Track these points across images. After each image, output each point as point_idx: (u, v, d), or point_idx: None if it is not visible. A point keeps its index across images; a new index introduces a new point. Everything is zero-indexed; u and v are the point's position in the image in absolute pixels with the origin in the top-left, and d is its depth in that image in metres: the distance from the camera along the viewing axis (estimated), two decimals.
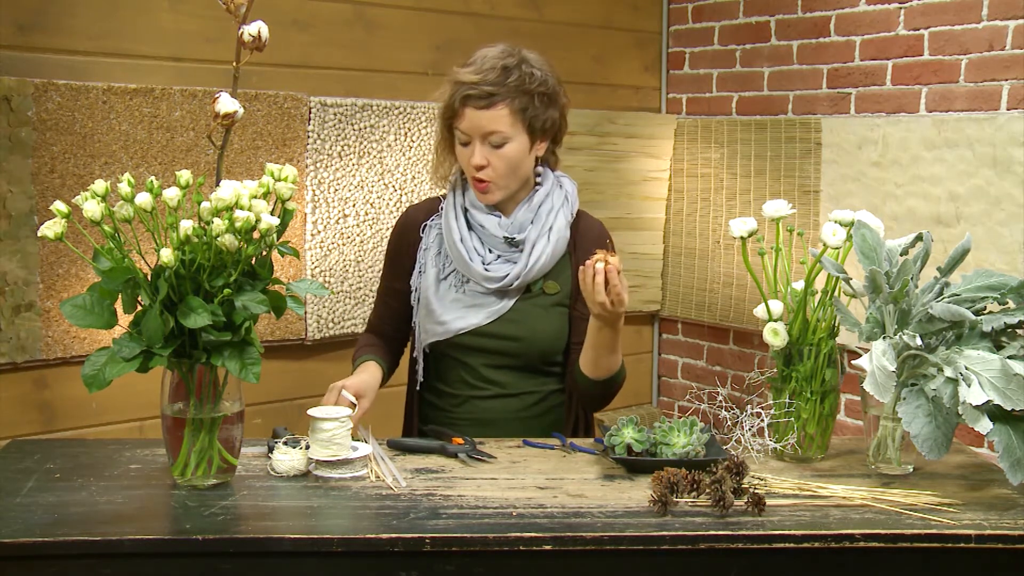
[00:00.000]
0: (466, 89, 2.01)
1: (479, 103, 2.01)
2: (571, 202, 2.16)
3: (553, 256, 2.10)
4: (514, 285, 2.08)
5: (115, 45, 2.83)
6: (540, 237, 2.09)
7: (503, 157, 2.04)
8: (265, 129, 3.06)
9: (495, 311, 2.09)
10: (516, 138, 2.04)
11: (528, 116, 2.04)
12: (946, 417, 1.70)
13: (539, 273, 2.10)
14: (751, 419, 1.90)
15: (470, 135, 2.04)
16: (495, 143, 2.03)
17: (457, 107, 2.03)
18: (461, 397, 2.16)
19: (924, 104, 3.29)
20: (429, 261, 2.14)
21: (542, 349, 2.12)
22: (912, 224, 3.27)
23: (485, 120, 2.01)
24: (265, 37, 1.70)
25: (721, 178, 3.94)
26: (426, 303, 2.13)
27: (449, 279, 2.13)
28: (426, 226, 2.18)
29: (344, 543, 1.51)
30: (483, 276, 2.08)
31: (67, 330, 2.76)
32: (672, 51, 4.13)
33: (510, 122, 2.03)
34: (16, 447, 1.91)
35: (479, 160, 2.03)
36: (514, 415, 2.13)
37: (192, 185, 1.65)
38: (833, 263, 1.86)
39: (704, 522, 1.60)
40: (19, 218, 2.66)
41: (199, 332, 1.61)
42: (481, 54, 2.06)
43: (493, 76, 2.01)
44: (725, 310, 3.94)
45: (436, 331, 2.11)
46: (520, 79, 2.03)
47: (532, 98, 2.04)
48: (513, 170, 2.06)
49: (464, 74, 2.02)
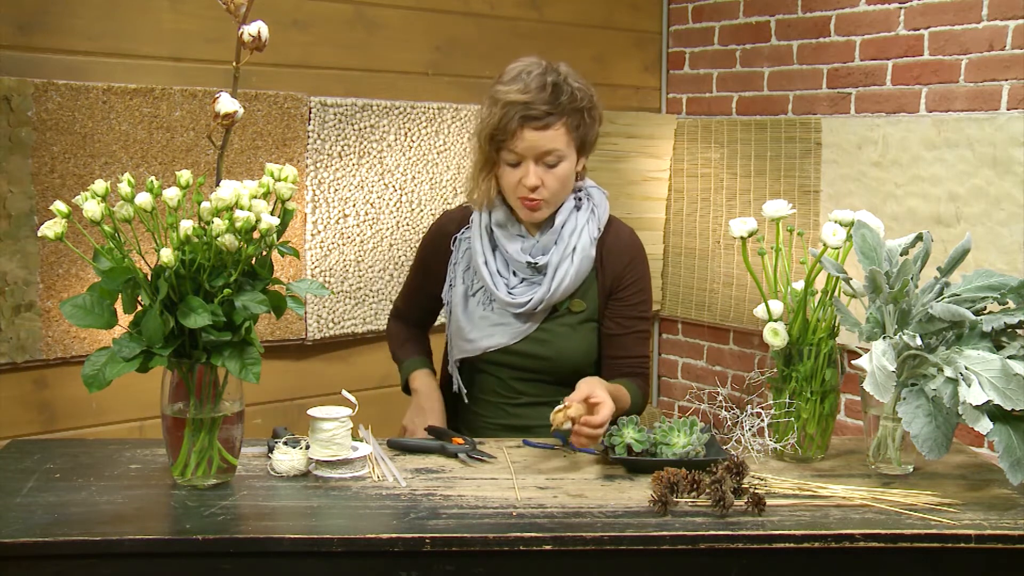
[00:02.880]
0: (523, 110, 1.97)
1: (537, 124, 1.98)
2: (598, 216, 2.13)
3: (578, 277, 2.09)
4: (538, 309, 2.08)
5: (115, 45, 2.83)
6: (563, 260, 2.07)
7: (556, 176, 2.02)
8: (265, 129, 3.06)
9: (522, 331, 2.10)
10: (569, 156, 2.03)
11: (580, 134, 2.04)
12: (946, 417, 1.70)
13: (563, 295, 2.09)
14: (751, 419, 1.90)
15: (525, 155, 2.01)
16: (550, 163, 2.01)
17: (514, 128, 1.98)
18: (495, 403, 2.18)
19: (924, 104, 3.29)
20: (459, 276, 2.16)
21: (572, 366, 2.11)
22: (912, 224, 3.27)
23: (545, 140, 1.99)
24: (265, 37, 1.70)
25: (721, 178, 3.94)
26: (455, 320, 2.15)
27: (477, 296, 2.14)
28: (456, 239, 2.18)
29: (344, 543, 1.51)
30: (506, 301, 2.08)
31: (67, 330, 2.76)
32: (672, 51, 4.13)
33: (566, 141, 2.01)
34: (16, 447, 1.91)
35: (534, 181, 2.01)
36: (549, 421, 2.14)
37: (192, 185, 1.65)
38: (833, 263, 1.86)
39: (704, 522, 1.60)
40: (19, 218, 2.66)
41: (199, 332, 1.61)
42: (522, 71, 2.02)
43: (546, 95, 1.98)
44: (725, 310, 3.94)
45: (465, 348, 2.14)
46: (571, 97, 2.01)
47: (583, 115, 2.03)
48: (564, 188, 2.06)
49: (514, 94, 1.98)
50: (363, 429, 1.98)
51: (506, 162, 2.03)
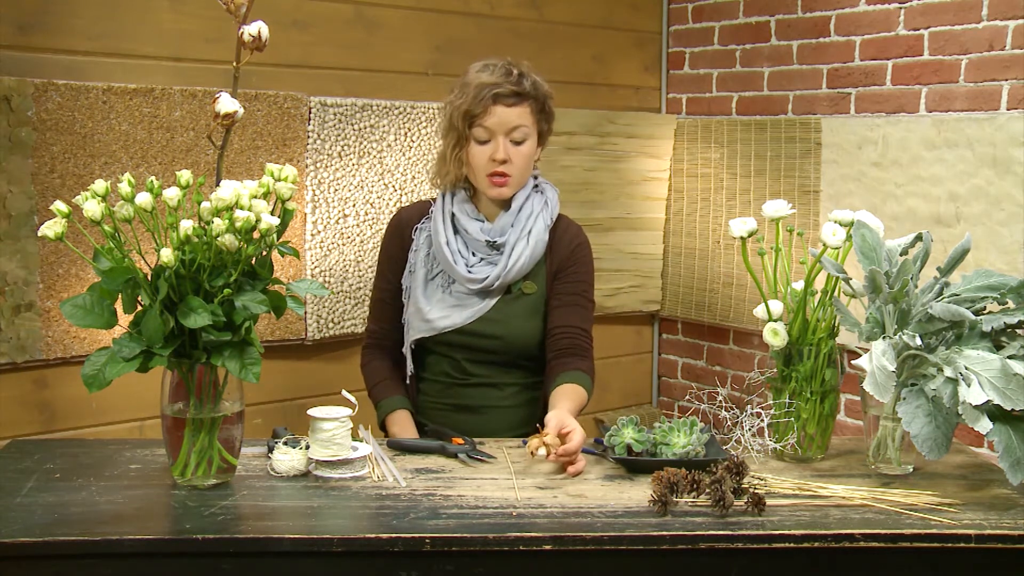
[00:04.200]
0: (494, 88, 2.14)
1: (508, 100, 2.15)
2: (551, 207, 2.27)
3: (532, 258, 2.21)
4: (495, 286, 2.20)
5: (115, 45, 2.83)
6: (519, 240, 2.21)
7: (521, 154, 2.18)
8: (265, 129, 3.06)
9: (477, 311, 2.20)
10: (532, 137, 2.20)
11: (540, 120, 2.22)
12: (946, 417, 1.70)
13: (518, 274, 2.21)
14: (751, 419, 1.90)
15: (495, 131, 2.16)
16: (517, 139, 2.17)
17: (487, 104, 2.14)
18: (445, 383, 2.25)
19: (924, 104, 3.29)
20: (419, 262, 2.26)
21: (520, 347, 2.23)
22: (912, 224, 3.27)
23: (514, 115, 2.16)
24: (265, 37, 1.70)
25: (721, 178, 3.94)
26: (415, 301, 2.25)
27: (436, 279, 2.25)
28: (417, 228, 2.29)
29: (344, 543, 1.51)
30: (466, 277, 2.20)
31: (67, 330, 2.76)
32: (672, 51, 4.13)
33: (531, 121, 2.19)
34: (16, 447, 1.91)
35: (503, 154, 2.16)
36: (496, 403, 2.24)
37: (192, 185, 1.65)
38: (833, 263, 1.86)
39: (704, 522, 1.60)
40: (19, 218, 2.66)
41: (199, 332, 1.61)
42: (487, 63, 2.20)
43: (514, 79, 2.17)
44: (725, 310, 3.93)
45: (422, 328, 2.22)
46: (534, 84, 2.20)
47: (544, 104, 2.22)
48: (527, 167, 2.22)
49: (485, 77, 2.16)
50: (363, 429, 1.98)
51: (477, 139, 2.17)
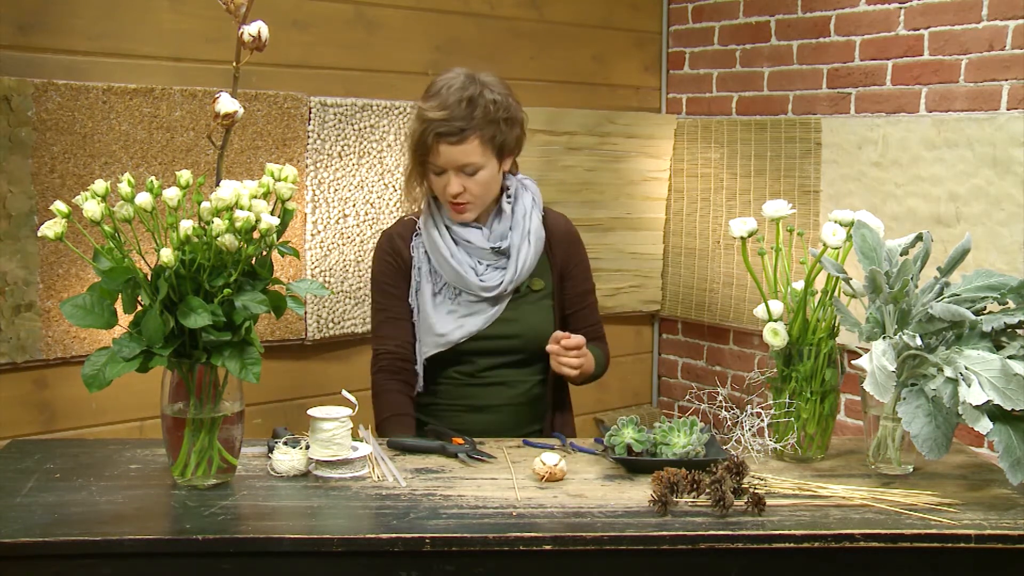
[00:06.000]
0: (437, 127, 2.10)
1: (451, 139, 2.10)
2: (538, 202, 2.28)
3: (536, 256, 2.24)
4: (508, 289, 2.20)
5: (115, 45, 2.83)
6: (522, 241, 2.22)
7: (477, 183, 2.15)
8: (265, 129, 3.06)
9: (492, 315, 2.21)
10: (488, 164, 2.15)
11: (497, 143, 2.16)
12: (946, 417, 1.70)
13: (527, 274, 2.24)
14: (751, 419, 1.90)
15: (445, 167, 2.13)
16: (469, 172, 2.14)
17: (430, 143, 2.11)
18: (457, 385, 2.24)
19: (924, 104, 3.29)
20: (423, 279, 2.24)
21: (537, 343, 2.21)
22: (912, 224, 3.27)
23: (458, 154, 2.11)
24: (265, 37, 1.70)
25: (721, 178, 3.94)
26: (425, 317, 2.22)
27: (443, 293, 2.23)
28: (412, 246, 2.27)
29: (344, 543, 1.51)
30: (479, 286, 2.19)
31: (67, 330, 2.76)
32: (672, 51, 4.13)
33: (481, 152, 2.13)
34: (16, 447, 1.91)
35: (455, 189, 2.14)
36: (506, 401, 2.24)
37: (192, 185, 1.65)
38: (833, 263, 1.86)
39: (704, 522, 1.60)
40: (19, 218, 2.66)
41: (199, 332, 1.61)
42: (443, 85, 2.14)
43: (460, 111, 2.10)
44: (725, 310, 3.93)
45: (438, 343, 2.21)
46: (485, 110, 2.12)
47: (498, 125, 2.15)
48: (487, 191, 2.19)
49: (431, 110, 2.11)
50: (363, 429, 1.98)
51: (431, 171, 2.17)
